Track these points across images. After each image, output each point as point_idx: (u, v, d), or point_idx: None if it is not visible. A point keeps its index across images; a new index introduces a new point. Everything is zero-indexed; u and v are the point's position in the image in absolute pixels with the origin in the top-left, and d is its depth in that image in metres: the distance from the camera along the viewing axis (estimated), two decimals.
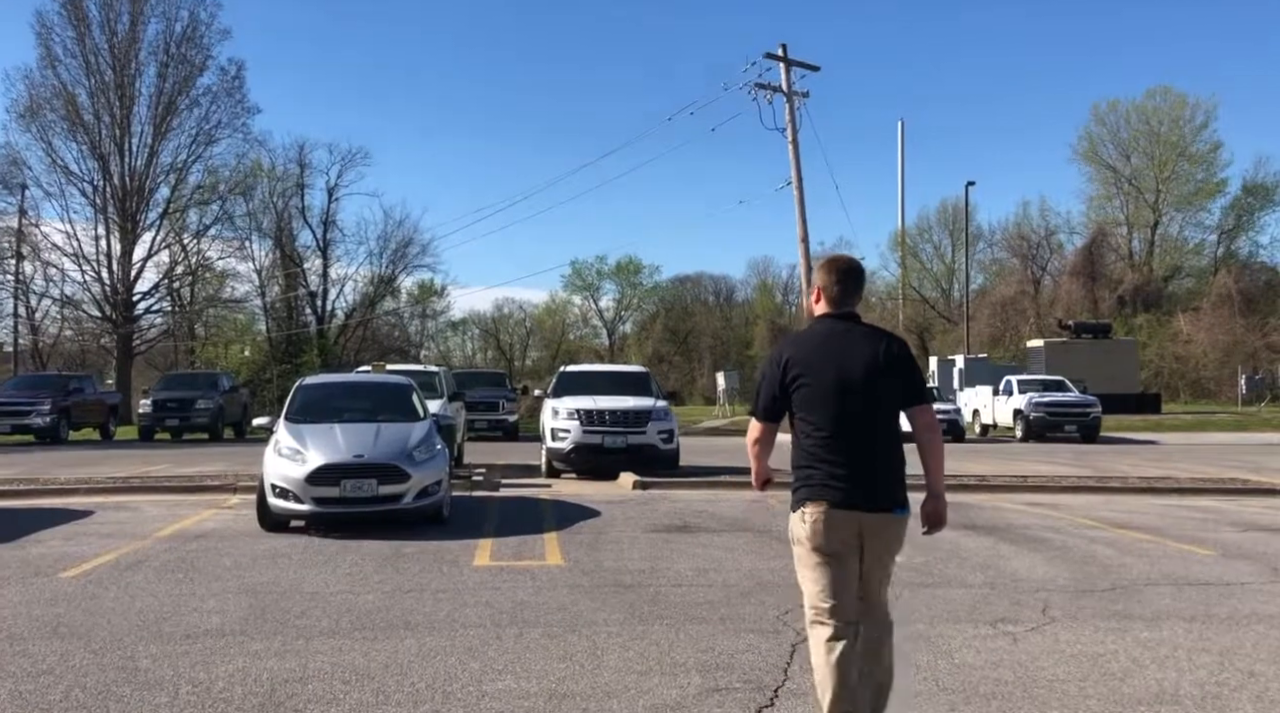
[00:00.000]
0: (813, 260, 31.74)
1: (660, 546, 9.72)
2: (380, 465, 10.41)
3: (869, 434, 4.10)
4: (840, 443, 4.08)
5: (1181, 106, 67.35)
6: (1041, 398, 30.27)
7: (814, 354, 4.17)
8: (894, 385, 4.15)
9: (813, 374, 4.13)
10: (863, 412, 4.09)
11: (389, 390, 12.47)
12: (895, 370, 4.15)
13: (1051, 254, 72.45)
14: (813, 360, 4.15)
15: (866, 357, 4.13)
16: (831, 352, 4.16)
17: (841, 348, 4.17)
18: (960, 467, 18.04)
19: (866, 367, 4.11)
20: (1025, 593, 7.63)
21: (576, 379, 17.96)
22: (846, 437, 4.08)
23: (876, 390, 4.11)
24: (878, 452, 4.11)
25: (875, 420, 4.12)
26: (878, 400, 4.12)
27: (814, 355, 4.17)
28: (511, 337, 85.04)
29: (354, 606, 7.15)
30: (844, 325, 4.24)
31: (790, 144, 31.21)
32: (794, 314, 78.12)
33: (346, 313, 65.07)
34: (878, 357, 4.14)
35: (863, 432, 4.09)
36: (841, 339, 4.19)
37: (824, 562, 4.11)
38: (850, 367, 4.11)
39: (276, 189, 61.29)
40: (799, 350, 4.21)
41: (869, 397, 4.09)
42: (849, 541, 4.09)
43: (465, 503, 12.82)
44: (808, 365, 4.15)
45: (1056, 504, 13.17)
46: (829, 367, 4.12)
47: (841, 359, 4.13)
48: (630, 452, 15.97)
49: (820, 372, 4.12)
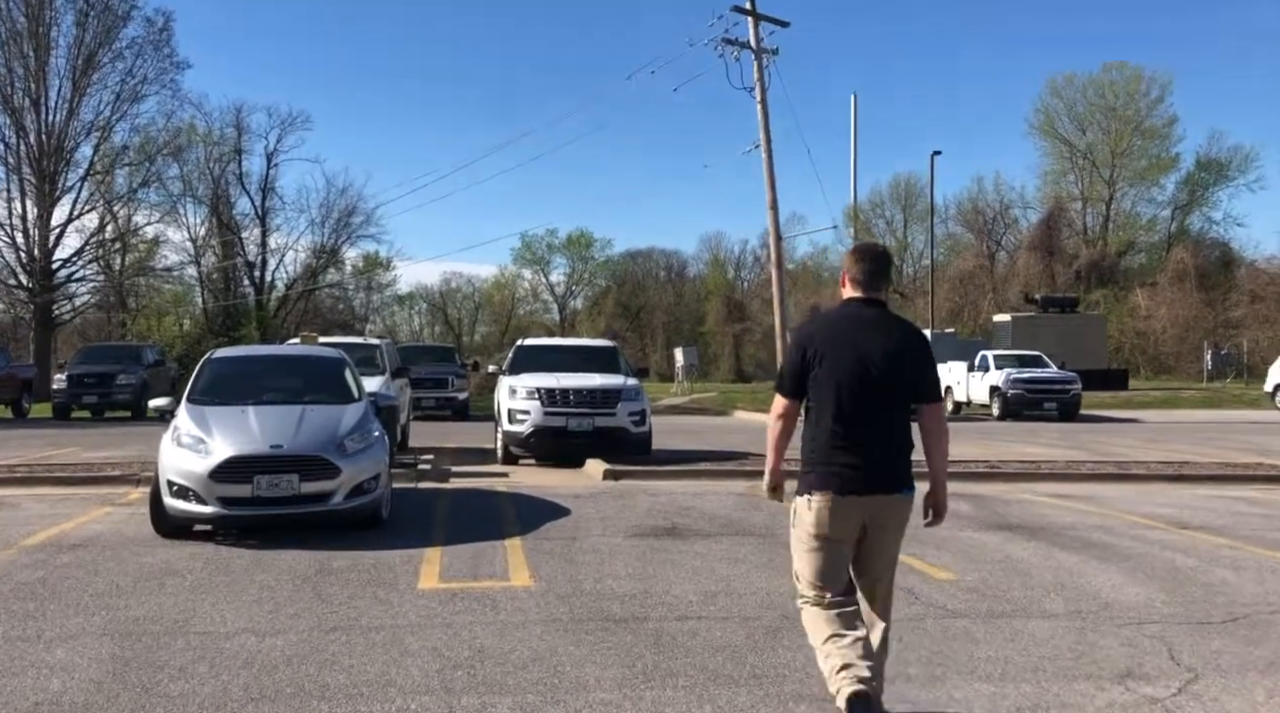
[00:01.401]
0: (782, 229, 30.10)
1: (649, 557, 7.94)
2: (304, 457, 8.50)
3: (881, 420, 4.15)
4: (852, 428, 4.11)
5: (1137, 81, 66.85)
6: (1020, 374, 28.92)
7: (836, 337, 4.20)
8: (909, 377, 4.18)
9: (832, 356, 4.15)
10: (877, 398, 4.13)
11: (317, 366, 10.49)
12: (912, 363, 4.19)
13: (1006, 229, 72.00)
14: (834, 343, 4.18)
15: (886, 345, 4.16)
16: (853, 336, 4.18)
17: (863, 333, 4.18)
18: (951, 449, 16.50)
19: (885, 355, 4.14)
20: (1129, 626, 5.97)
21: (536, 354, 16.08)
22: (858, 421, 4.12)
23: (892, 379, 4.14)
24: (888, 438, 4.16)
25: (888, 407, 4.16)
26: (892, 389, 4.15)
27: (836, 338, 4.19)
28: (460, 311, 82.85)
29: (255, 656, 5.28)
30: (869, 311, 4.27)
31: (759, 104, 29.36)
32: (747, 290, 77.00)
33: (287, 284, 62.47)
34: (897, 346, 4.17)
35: (875, 418, 4.14)
36: (864, 325, 4.21)
37: (822, 547, 4.17)
38: (869, 353, 4.14)
39: (212, 154, 58.67)
40: (822, 332, 4.25)
41: (884, 384, 4.13)
42: (852, 527, 4.17)
43: (409, 499, 10.95)
44: (829, 347, 4.17)
45: (1087, 496, 11.61)
46: (849, 350, 4.15)
47: (861, 345, 4.15)
48: (598, 436, 14.15)
49: (840, 355, 4.15)
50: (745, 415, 30.46)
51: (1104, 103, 67.53)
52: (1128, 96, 67.17)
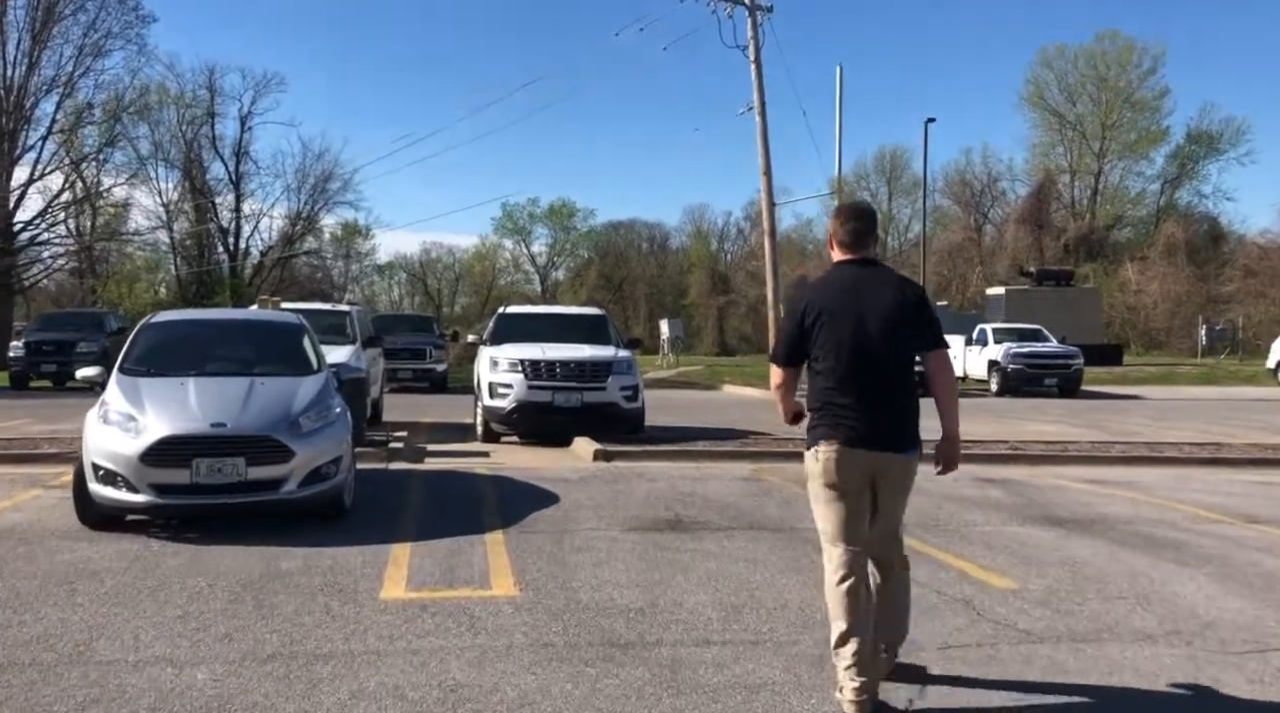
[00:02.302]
0: (776, 196, 28.89)
1: (653, 557, 6.81)
2: (251, 438, 7.31)
3: (885, 377, 4.17)
4: (856, 385, 4.14)
5: (1129, 52, 65.73)
6: (1020, 349, 27.89)
7: (833, 299, 4.23)
8: (910, 329, 4.20)
9: (831, 318, 4.18)
10: (879, 355, 4.15)
11: (270, 333, 9.24)
12: (912, 315, 4.20)
13: (994, 202, 71.09)
14: (832, 305, 4.21)
15: (884, 301, 4.18)
16: (850, 296, 4.21)
17: (860, 292, 4.21)
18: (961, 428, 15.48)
19: (884, 311, 4.16)
20: (1250, 656, 4.88)
21: (519, 323, 14.87)
22: (862, 379, 4.15)
23: (893, 334, 4.16)
24: (893, 394, 4.18)
25: (891, 364, 4.18)
26: (894, 344, 4.17)
27: (833, 300, 4.22)
28: (439, 281, 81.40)
29: (165, 700, 4.13)
30: (863, 270, 4.29)
31: (753, 63, 28.06)
32: (730, 262, 75.83)
33: (262, 252, 60.87)
34: (895, 301, 4.19)
35: (879, 374, 4.16)
36: (860, 283, 4.24)
37: (838, 496, 4.19)
38: (868, 311, 4.16)
39: (185, 117, 56.97)
40: (818, 295, 4.28)
41: (885, 340, 4.15)
42: (862, 478, 4.17)
43: (378, 482, 9.78)
44: (827, 310, 4.20)
45: (1125, 481, 10.55)
46: (848, 311, 4.17)
47: (860, 304, 4.18)
48: (586, 412, 12.99)
49: (839, 316, 4.17)
50: (735, 390, 29.38)
51: (1095, 73, 66.44)
52: (1119, 67, 66.09)
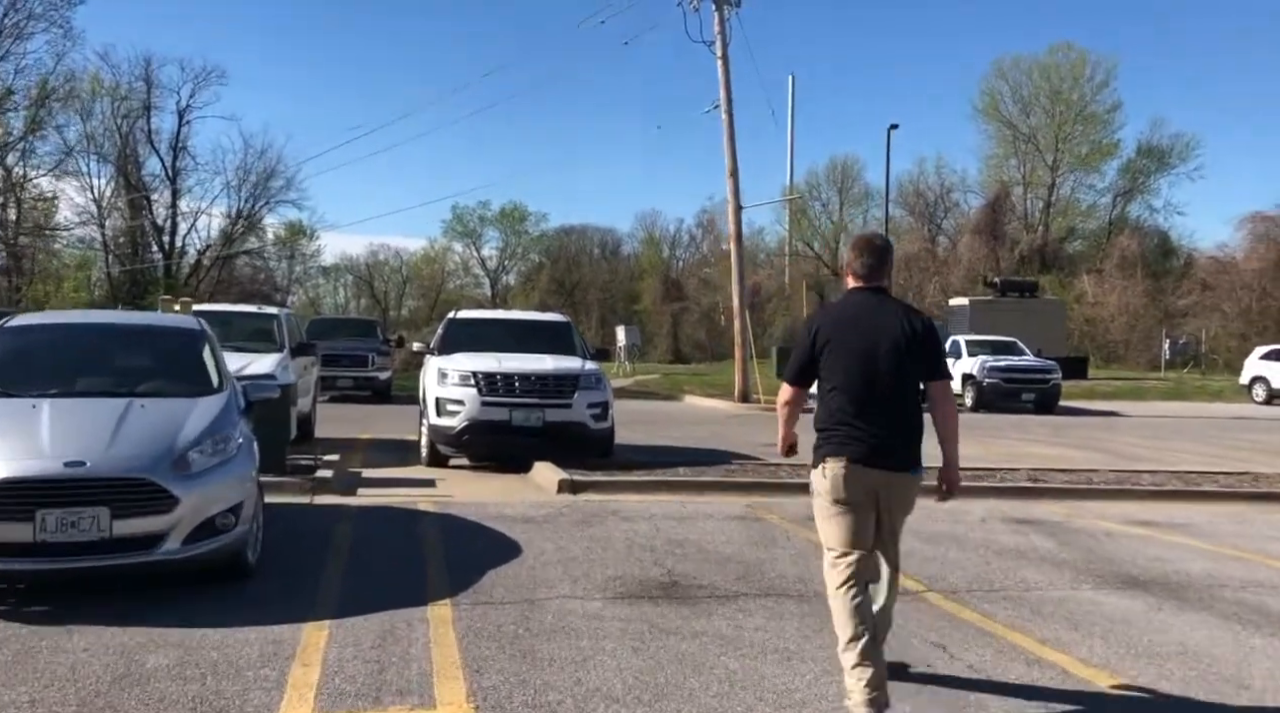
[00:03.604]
0: (724, 208, 27.35)
1: (652, 646, 5.13)
2: (119, 481, 5.52)
3: (890, 403, 4.30)
4: (863, 408, 4.28)
5: (1082, 64, 65.85)
6: (996, 363, 26.60)
7: (844, 325, 4.39)
8: (916, 359, 4.35)
9: (841, 343, 4.34)
10: (886, 381, 4.29)
11: (160, 341, 7.38)
12: (919, 345, 4.35)
13: (948, 213, 70.65)
14: (842, 330, 4.37)
15: (893, 329, 4.34)
16: (860, 323, 4.37)
17: (870, 320, 4.37)
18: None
19: (892, 339, 4.32)
20: None
21: (472, 330, 13.12)
22: (870, 402, 4.28)
23: (900, 362, 4.31)
24: (898, 418, 4.31)
25: (897, 389, 4.31)
26: (900, 371, 4.32)
27: (844, 326, 4.39)
28: (387, 284, 79.12)
29: None
30: (873, 298, 4.45)
31: (719, 59, 26.53)
32: (682, 269, 74.48)
33: (199, 251, 58.22)
34: (902, 330, 4.34)
35: (885, 399, 4.29)
36: (870, 312, 4.40)
37: (844, 511, 4.31)
38: (877, 338, 4.32)
39: (120, 109, 54.28)
40: (830, 320, 4.46)
41: (892, 367, 4.29)
42: (867, 494, 4.30)
43: (298, 524, 8.02)
44: (837, 334, 4.36)
45: (1182, 524, 9.10)
46: (856, 337, 4.34)
47: (869, 331, 4.34)
48: (549, 433, 11.29)
49: (848, 341, 4.34)
50: (697, 401, 27.83)
51: (1049, 86, 66.41)
52: (1073, 80, 66.12)
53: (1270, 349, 32.40)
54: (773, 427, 4.96)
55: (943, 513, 9.18)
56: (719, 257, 67.38)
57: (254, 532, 6.26)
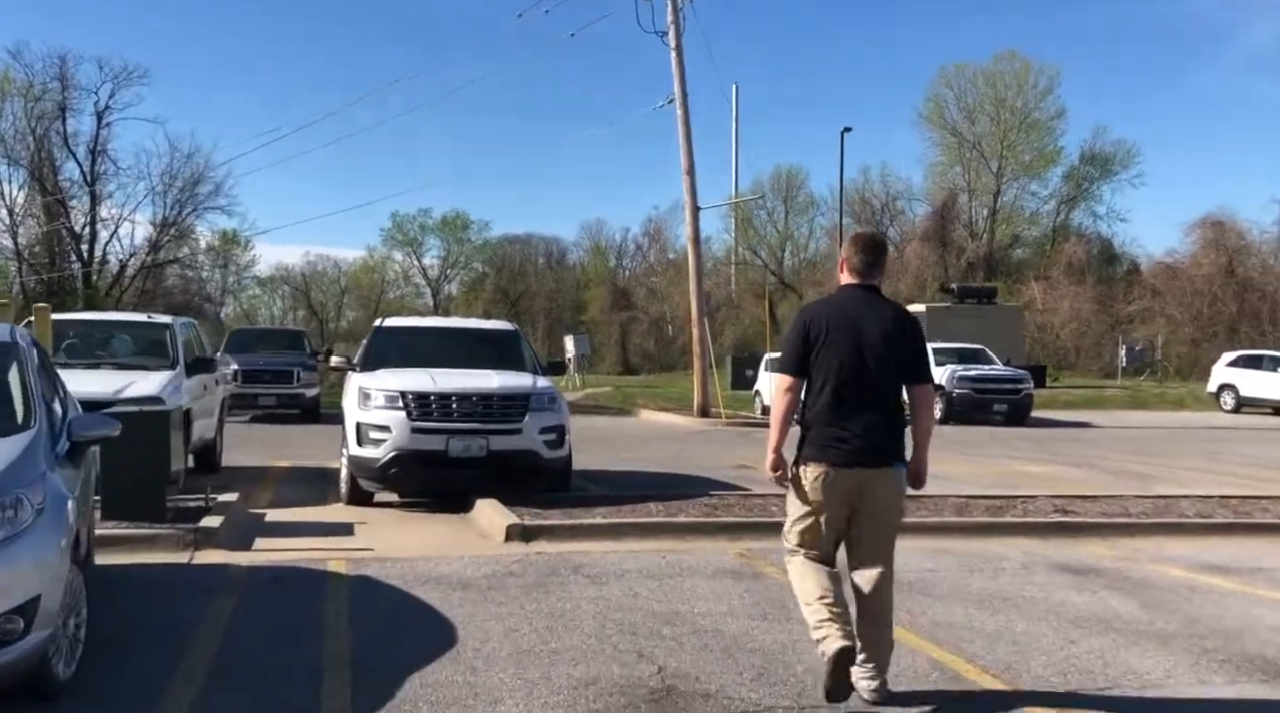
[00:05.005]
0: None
1: None
2: None
3: (875, 398, 4.39)
4: (848, 404, 4.36)
5: (1026, 72, 65.60)
6: (966, 372, 25.16)
7: (834, 320, 4.46)
8: (902, 358, 4.45)
9: (831, 338, 4.41)
10: (872, 377, 4.38)
11: None
12: (905, 345, 4.47)
13: (893, 220, 70.01)
14: (833, 325, 4.44)
15: (881, 328, 4.42)
16: (850, 319, 4.44)
17: (860, 317, 4.45)
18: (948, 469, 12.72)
19: (880, 337, 4.40)
20: None
21: (403, 341, 11.21)
22: (855, 398, 4.36)
23: (886, 360, 4.40)
24: (881, 415, 4.39)
25: (882, 386, 4.41)
26: (886, 369, 4.41)
27: (834, 321, 4.45)
28: (325, 296, 76.47)
29: None
30: (865, 296, 4.53)
31: (673, 50, 24.86)
32: (628, 279, 72.93)
33: (121, 260, 55.18)
34: (893, 329, 4.44)
35: (870, 395, 4.38)
36: (861, 309, 4.48)
37: (811, 513, 4.43)
38: (866, 335, 4.40)
39: (33, 111, 51.19)
40: (822, 314, 4.51)
41: (879, 364, 4.38)
42: (845, 499, 4.39)
43: (157, 602, 6.09)
44: (827, 329, 4.43)
45: (1270, 569, 7.50)
46: (846, 333, 4.41)
47: (858, 327, 4.42)
48: (494, 464, 9.42)
49: (838, 336, 4.40)
50: (653, 415, 26.08)
51: (994, 93, 66.12)
52: (1017, 87, 65.93)
53: (1238, 356, 31.46)
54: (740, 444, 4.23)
55: (979, 560, 7.54)
56: (665, 267, 65.96)
57: (67, 633, 4.35)
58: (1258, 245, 52.52)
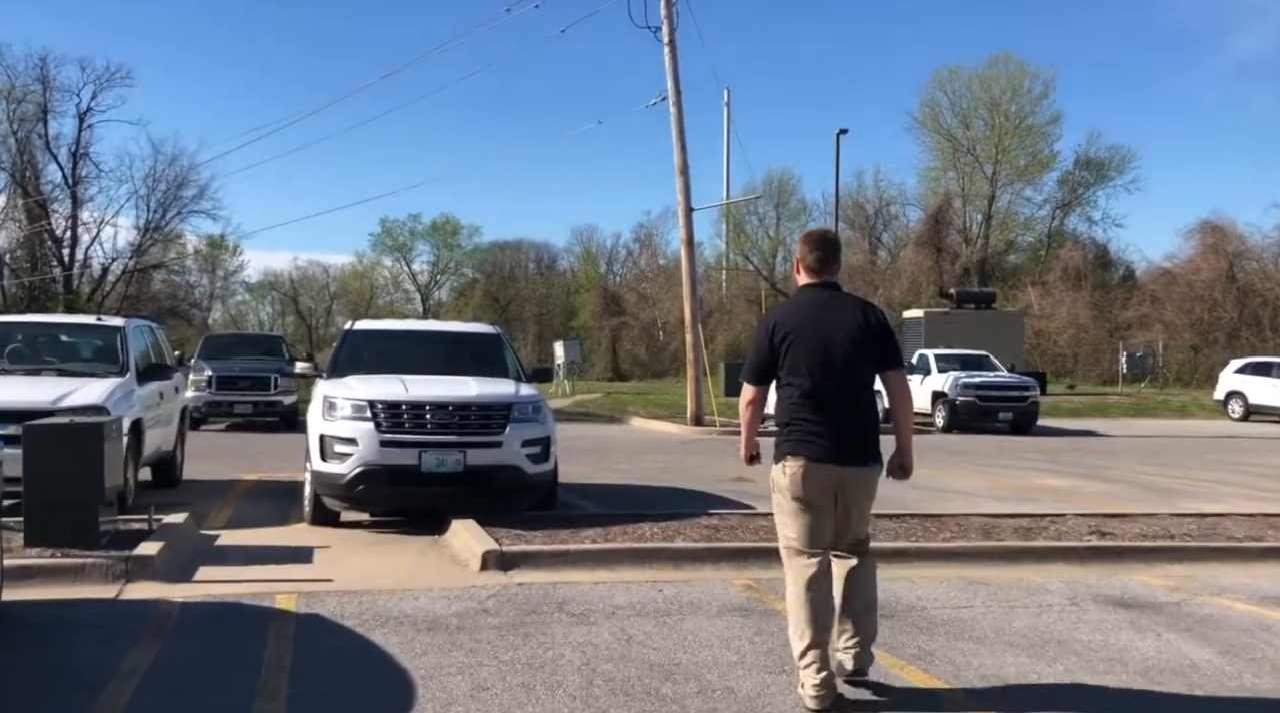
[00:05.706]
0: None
1: None
2: None
3: (848, 395, 4.45)
4: (822, 402, 4.42)
5: (1021, 76, 64.94)
6: (970, 379, 24.29)
7: (799, 321, 4.52)
8: (871, 350, 4.50)
9: (798, 339, 4.46)
10: (843, 374, 4.44)
11: None
12: (873, 337, 4.51)
13: (887, 225, 69.36)
14: (798, 327, 4.49)
15: (847, 323, 4.49)
16: (815, 319, 4.51)
17: (824, 315, 4.51)
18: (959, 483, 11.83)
19: (848, 333, 4.46)
20: None
21: (376, 345, 10.30)
22: (827, 397, 4.42)
23: (856, 355, 4.46)
24: (855, 411, 4.48)
25: (854, 382, 4.47)
26: (857, 364, 4.47)
27: (799, 322, 4.51)
28: (315, 302, 75.46)
29: None
30: (826, 294, 4.60)
31: (666, 46, 24.01)
32: (620, 284, 72.11)
33: (104, 264, 54.08)
34: (858, 324, 4.49)
35: (842, 392, 4.44)
36: (824, 307, 4.55)
37: (802, 509, 4.47)
38: (832, 333, 4.46)
39: (15, 113, 50.23)
40: (786, 318, 4.56)
41: (848, 360, 4.45)
42: (826, 491, 4.45)
43: (67, 650, 5.17)
44: (794, 331, 4.48)
45: None
46: (813, 332, 4.46)
47: (824, 326, 4.48)
48: (471, 480, 8.51)
49: (805, 337, 4.46)
50: (644, 423, 25.19)
51: (988, 97, 65.41)
52: (1011, 91, 65.22)
53: (1246, 362, 30.65)
54: (737, 454, 4.87)
55: (1018, 593, 6.66)
56: (656, 272, 65.11)
57: None
58: (1258, 250, 51.74)
